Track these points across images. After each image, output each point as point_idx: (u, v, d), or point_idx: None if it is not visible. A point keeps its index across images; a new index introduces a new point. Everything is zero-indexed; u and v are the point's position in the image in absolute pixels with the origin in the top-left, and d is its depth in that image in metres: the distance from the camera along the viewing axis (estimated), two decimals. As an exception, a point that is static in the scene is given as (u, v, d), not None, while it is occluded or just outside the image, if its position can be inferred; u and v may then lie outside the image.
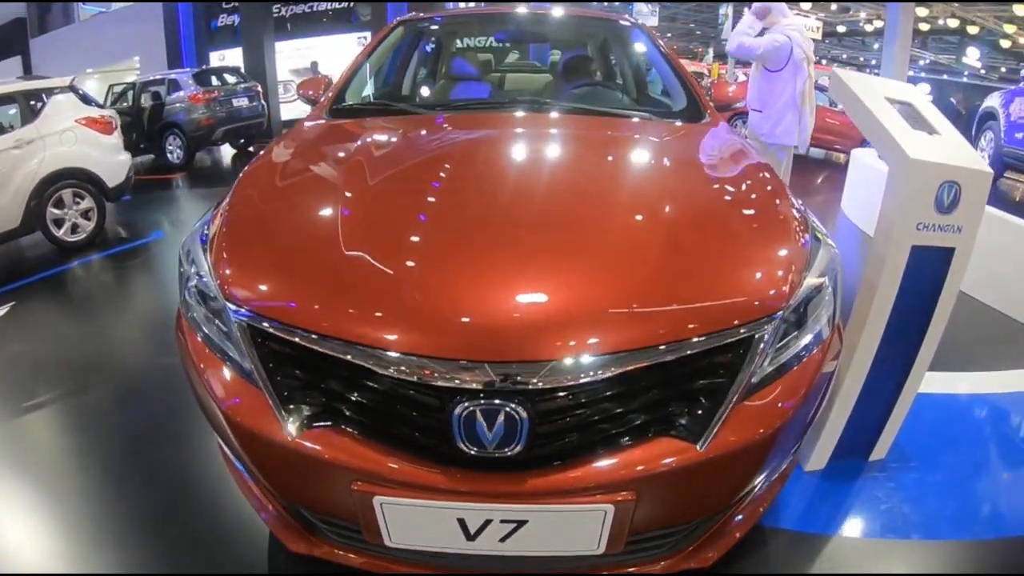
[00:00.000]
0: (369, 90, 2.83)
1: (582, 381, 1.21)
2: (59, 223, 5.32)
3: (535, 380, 1.19)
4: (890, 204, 1.88)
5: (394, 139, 2.16)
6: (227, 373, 1.38)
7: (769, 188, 1.80)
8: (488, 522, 1.26)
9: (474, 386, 1.19)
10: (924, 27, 21.88)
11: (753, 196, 1.80)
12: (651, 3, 24.49)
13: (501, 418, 1.19)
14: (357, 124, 2.32)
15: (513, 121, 2.30)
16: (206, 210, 1.91)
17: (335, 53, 15.74)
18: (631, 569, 1.43)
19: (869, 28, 25.14)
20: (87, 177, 5.47)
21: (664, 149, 2.09)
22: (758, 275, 1.44)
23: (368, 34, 15.35)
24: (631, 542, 1.33)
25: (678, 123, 2.37)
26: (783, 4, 3.77)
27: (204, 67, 11.44)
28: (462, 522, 1.26)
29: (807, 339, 1.44)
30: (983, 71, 29.09)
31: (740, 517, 1.53)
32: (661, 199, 1.65)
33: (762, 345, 1.32)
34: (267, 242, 1.54)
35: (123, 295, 4.60)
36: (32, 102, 5.34)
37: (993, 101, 7.61)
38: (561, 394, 1.23)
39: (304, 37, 15.76)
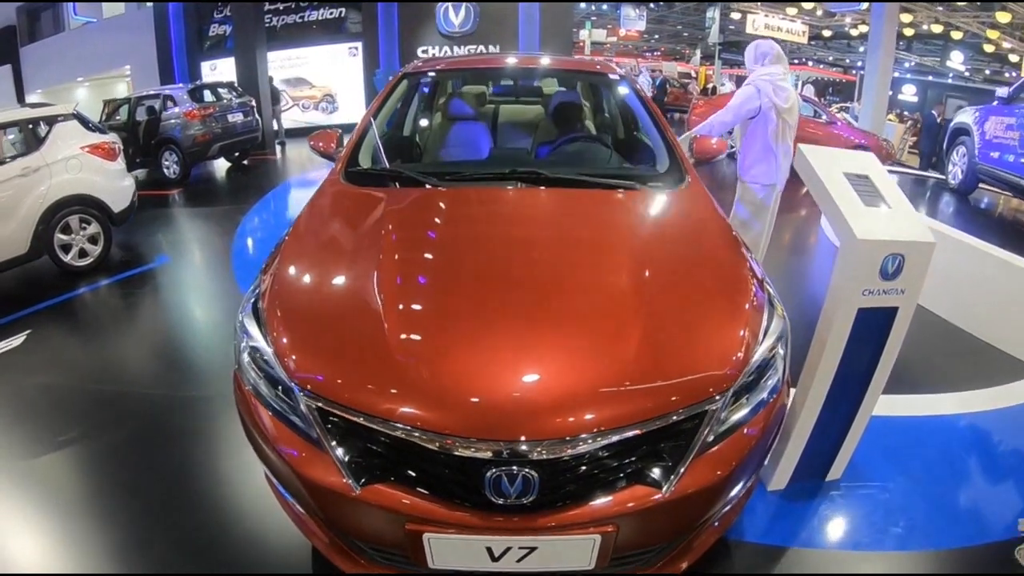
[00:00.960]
0: (379, 138, 3.05)
1: (579, 451, 1.51)
2: (66, 248, 5.49)
3: (540, 450, 1.50)
4: (840, 273, 2.15)
5: (413, 219, 2.38)
6: (294, 436, 1.67)
7: (738, 263, 2.07)
8: (508, 549, 1.59)
9: (489, 455, 1.50)
10: (909, 32, 22.25)
11: (723, 273, 2.06)
12: (638, 8, 24.79)
13: (520, 479, 1.51)
14: (376, 196, 2.52)
15: (514, 203, 2.52)
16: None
17: (325, 63, 15.91)
18: None
19: (854, 32, 25.52)
20: (93, 203, 5.65)
21: (647, 226, 2.36)
22: (720, 352, 1.72)
23: (359, 44, 15.51)
24: (615, 558, 1.65)
25: (660, 194, 2.55)
26: (772, 50, 3.93)
27: (199, 83, 11.51)
28: (489, 549, 1.59)
29: (761, 396, 1.73)
30: (967, 73, 29.51)
31: (706, 533, 1.82)
32: (643, 279, 1.92)
33: (715, 413, 1.61)
34: (320, 330, 1.82)
35: (135, 324, 4.77)
36: (36, 130, 5.48)
37: (966, 117, 7.84)
38: (563, 459, 1.53)
39: (295, 47, 15.85)
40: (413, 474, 1.59)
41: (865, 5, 15.14)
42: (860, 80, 26.05)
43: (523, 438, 1.49)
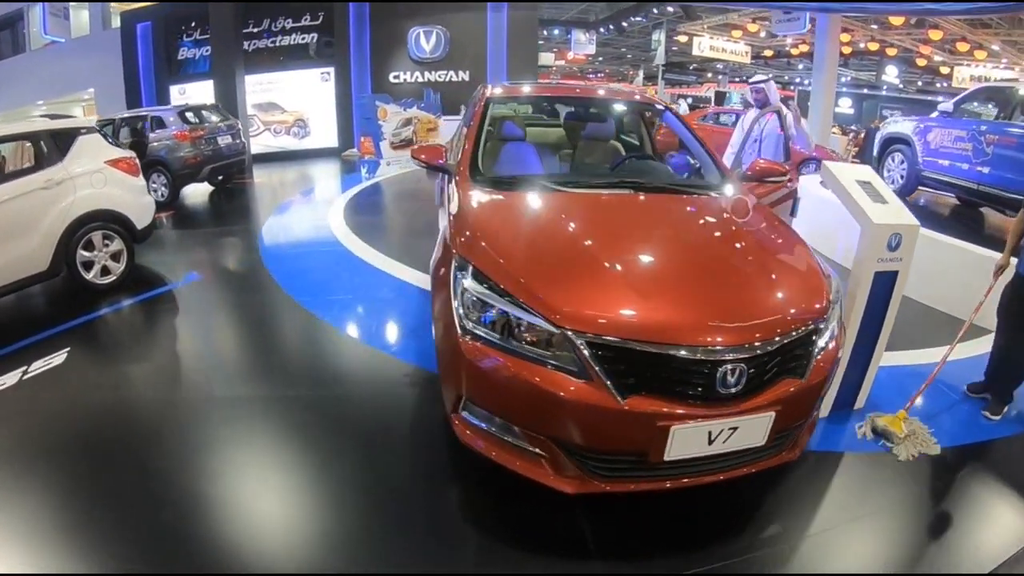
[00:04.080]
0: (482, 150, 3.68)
1: (757, 355, 2.26)
2: (88, 266, 5.39)
3: (749, 352, 2.24)
4: (862, 248, 3.03)
5: (575, 211, 3.04)
6: (555, 373, 2.25)
7: (805, 249, 2.90)
8: (721, 431, 2.23)
9: (727, 357, 2.20)
10: (847, 49, 23.72)
11: (799, 255, 2.86)
12: (588, 32, 25.65)
13: (738, 372, 2.22)
14: (526, 196, 3.18)
15: (634, 203, 3.23)
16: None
17: (297, 88, 16.00)
18: (765, 464, 2.50)
19: (795, 52, 27.01)
20: (117, 219, 5.60)
21: (738, 220, 3.09)
22: (814, 298, 2.55)
23: (332, 69, 15.64)
24: (772, 439, 2.35)
25: (725, 198, 3.31)
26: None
27: (187, 104, 11.32)
28: (709, 433, 2.23)
29: (834, 330, 2.61)
30: (901, 86, 31.52)
31: (805, 431, 2.64)
32: (755, 256, 2.79)
33: (821, 331, 2.49)
34: (571, 292, 2.38)
35: (168, 337, 4.84)
36: (57, 142, 5.33)
37: (903, 128, 8.39)
38: (759, 358, 2.27)
39: (267, 72, 15.78)
40: (658, 385, 2.20)
41: (808, 27, 16.18)
42: (798, 94, 27.66)
43: (739, 344, 2.22)
